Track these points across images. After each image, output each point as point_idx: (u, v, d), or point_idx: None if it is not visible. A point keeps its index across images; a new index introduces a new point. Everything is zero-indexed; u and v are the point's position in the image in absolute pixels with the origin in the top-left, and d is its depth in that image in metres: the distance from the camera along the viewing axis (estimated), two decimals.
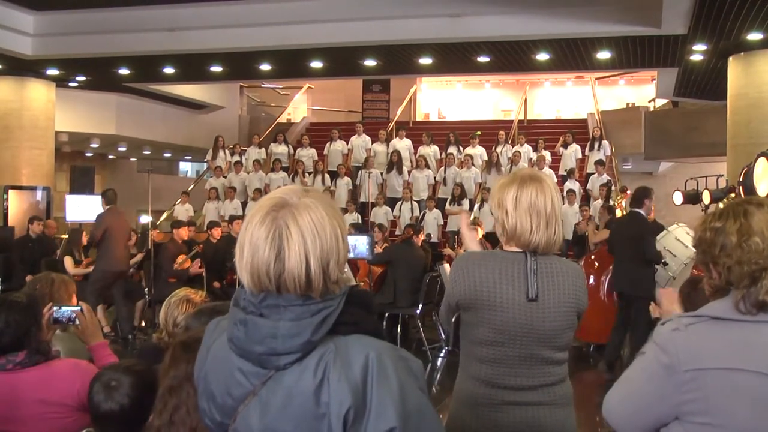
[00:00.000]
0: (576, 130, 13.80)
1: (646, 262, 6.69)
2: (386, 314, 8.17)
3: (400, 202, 12.15)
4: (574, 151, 13.03)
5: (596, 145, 13.06)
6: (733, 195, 7.33)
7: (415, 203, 12.09)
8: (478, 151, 13.19)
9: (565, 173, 12.65)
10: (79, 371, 2.39)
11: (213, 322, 1.48)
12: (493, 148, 13.23)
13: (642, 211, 6.90)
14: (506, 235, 2.25)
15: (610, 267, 8.27)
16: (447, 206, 11.97)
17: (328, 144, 13.85)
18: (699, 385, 1.60)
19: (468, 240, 2.59)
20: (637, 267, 6.73)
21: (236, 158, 13.88)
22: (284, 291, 1.32)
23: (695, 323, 1.66)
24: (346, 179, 12.95)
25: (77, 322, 2.68)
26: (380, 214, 11.96)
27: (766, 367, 1.58)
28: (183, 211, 12.65)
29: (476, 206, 11.79)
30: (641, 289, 6.48)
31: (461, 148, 13.32)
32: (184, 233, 9.01)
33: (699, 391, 1.60)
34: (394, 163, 12.84)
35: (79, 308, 2.68)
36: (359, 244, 3.17)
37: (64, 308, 2.67)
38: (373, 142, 13.62)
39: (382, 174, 12.98)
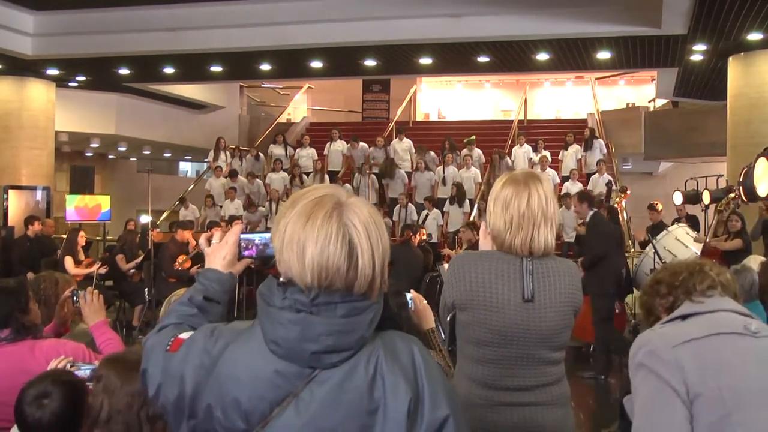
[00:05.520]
0: (576, 131, 13.76)
1: None
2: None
3: (397, 207, 12.05)
4: (575, 151, 13.01)
5: (589, 146, 13.03)
6: (732, 195, 7.35)
7: (412, 207, 12.00)
8: (475, 155, 13.12)
9: (568, 174, 12.62)
10: (61, 346, 2.55)
11: (203, 333, 1.41)
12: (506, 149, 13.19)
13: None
14: (491, 235, 2.25)
15: None
16: (447, 206, 11.92)
17: (328, 144, 13.85)
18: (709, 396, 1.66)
19: (483, 246, 2.48)
20: None
21: (236, 161, 13.89)
22: (349, 290, 1.31)
23: (668, 323, 1.82)
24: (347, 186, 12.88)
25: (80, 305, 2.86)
26: None
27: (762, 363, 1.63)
28: (190, 213, 12.61)
29: (476, 206, 11.77)
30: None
31: (459, 153, 13.26)
32: (187, 235, 8.96)
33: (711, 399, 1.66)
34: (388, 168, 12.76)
35: (83, 293, 2.86)
36: None
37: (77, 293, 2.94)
38: (370, 147, 13.60)
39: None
